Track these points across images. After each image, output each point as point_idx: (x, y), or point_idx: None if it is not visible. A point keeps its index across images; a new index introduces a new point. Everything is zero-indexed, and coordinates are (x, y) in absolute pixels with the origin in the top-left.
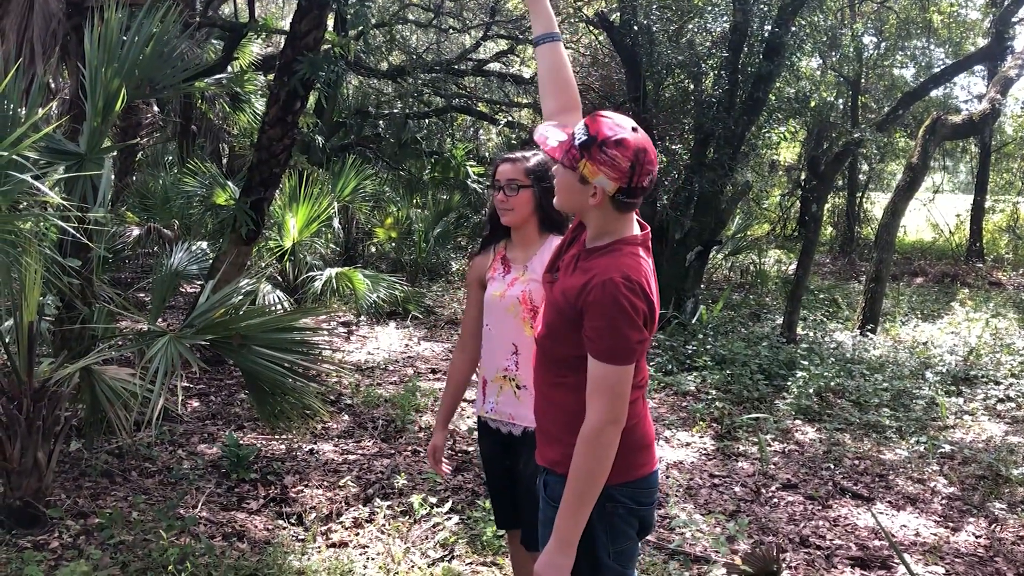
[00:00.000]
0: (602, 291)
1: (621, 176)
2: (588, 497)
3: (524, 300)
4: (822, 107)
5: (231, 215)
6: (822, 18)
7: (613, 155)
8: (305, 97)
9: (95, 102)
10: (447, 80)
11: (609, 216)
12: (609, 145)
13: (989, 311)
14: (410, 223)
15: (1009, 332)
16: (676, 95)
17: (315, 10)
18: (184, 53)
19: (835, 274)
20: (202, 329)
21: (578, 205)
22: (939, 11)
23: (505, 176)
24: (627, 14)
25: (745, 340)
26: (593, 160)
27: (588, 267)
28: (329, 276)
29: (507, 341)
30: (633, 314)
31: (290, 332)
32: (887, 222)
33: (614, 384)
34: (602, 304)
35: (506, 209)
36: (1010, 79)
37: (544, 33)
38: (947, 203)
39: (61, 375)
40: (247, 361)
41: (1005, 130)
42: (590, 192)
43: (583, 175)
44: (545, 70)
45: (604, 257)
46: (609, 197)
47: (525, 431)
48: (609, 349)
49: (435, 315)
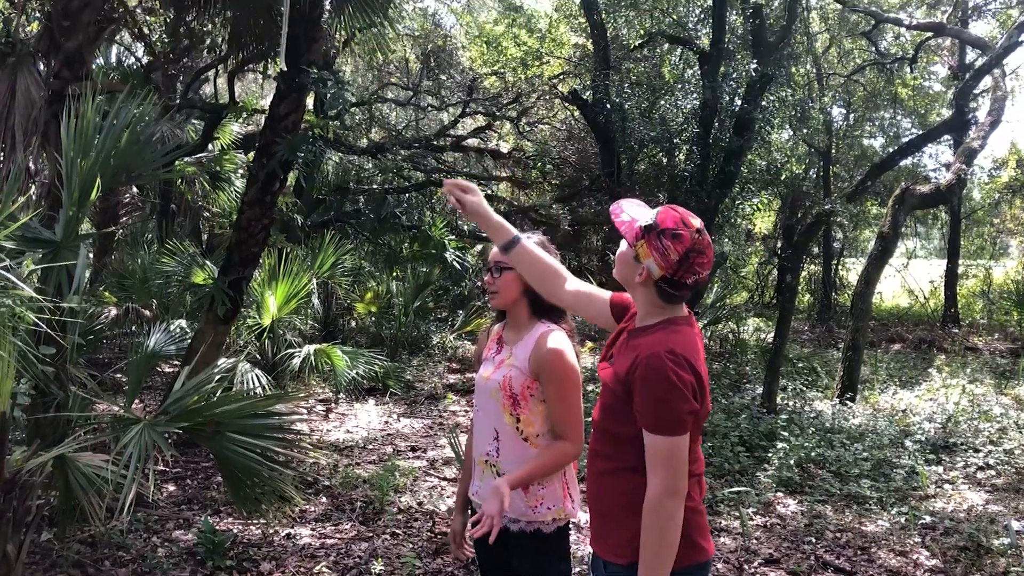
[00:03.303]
0: (648, 366)
1: (668, 266)
2: (660, 572)
3: (504, 386)
4: (794, 178)
5: (209, 295)
6: (790, 93)
7: (667, 245)
8: (284, 177)
9: (71, 191)
10: (426, 155)
11: (654, 299)
12: (667, 235)
13: (966, 376)
14: (390, 297)
15: (986, 398)
16: (650, 169)
17: (294, 94)
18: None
19: (814, 342)
20: (177, 416)
21: (627, 279)
22: (904, 84)
23: (495, 258)
24: (600, 93)
25: (726, 411)
26: (649, 243)
27: (636, 345)
28: (308, 353)
29: (490, 426)
30: (681, 386)
31: (266, 417)
32: (861, 290)
33: (669, 456)
34: (649, 378)
35: (492, 291)
36: (974, 150)
37: (506, 243)
38: (922, 268)
39: (34, 464)
40: (221, 448)
41: (974, 197)
42: (638, 271)
43: (637, 253)
44: (526, 271)
45: (651, 335)
46: (653, 281)
47: (522, 532)
48: (660, 421)
49: (415, 390)
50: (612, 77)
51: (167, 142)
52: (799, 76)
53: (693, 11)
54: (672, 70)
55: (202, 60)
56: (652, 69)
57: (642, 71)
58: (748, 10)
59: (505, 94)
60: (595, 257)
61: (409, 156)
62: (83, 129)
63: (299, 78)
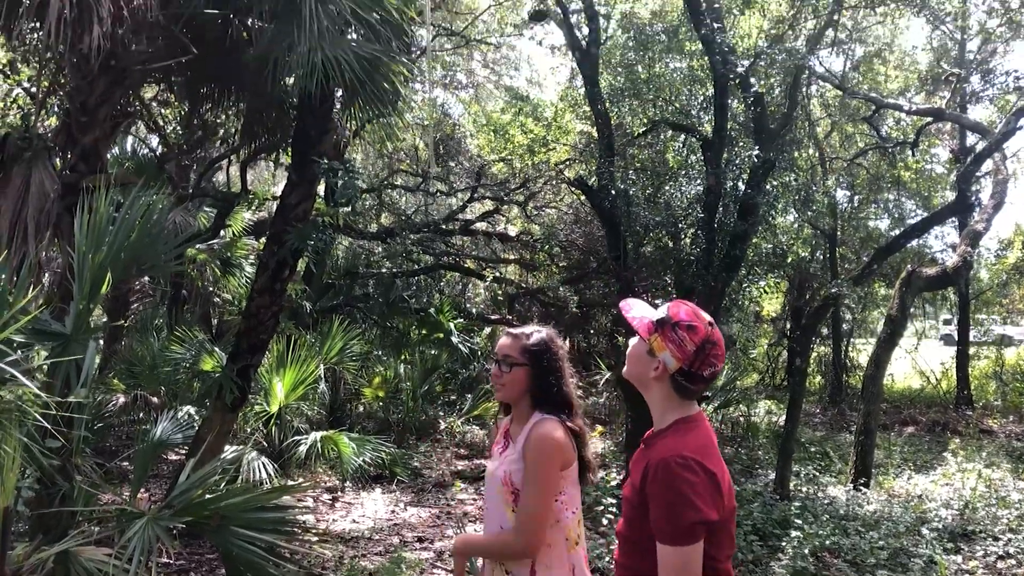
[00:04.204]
0: (656, 475)
1: (684, 358)
2: None
3: (506, 481)
4: (800, 261)
5: (217, 382)
6: (793, 177)
7: (682, 336)
8: (294, 265)
9: (82, 284)
10: (435, 239)
11: (669, 396)
12: (681, 327)
13: (982, 461)
14: (398, 381)
15: (1004, 484)
16: (656, 253)
17: (305, 184)
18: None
19: (826, 425)
20: (181, 510)
21: (642, 375)
22: (907, 167)
23: (503, 351)
24: (604, 179)
25: (738, 498)
26: (664, 336)
27: (650, 453)
28: (314, 440)
29: (496, 521)
30: (690, 493)
31: (271, 510)
32: (872, 373)
33: (678, 566)
34: (657, 489)
35: (498, 384)
36: (978, 232)
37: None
38: (932, 349)
39: (36, 559)
40: (226, 542)
41: (982, 277)
42: (654, 365)
43: (652, 347)
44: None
45: (663, 439)
46: (669, 375)
47: None
48: (669, 531)
49: (422, 477)
50: (616, 163)
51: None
52: (802, 160)
53: (695, 100)
54: (676, 156)
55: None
56: (656, 155)
57: (646, 157)
58: (749, 98)
59: (512, 179)
60: (604, 339)
61: (418, 240)
62: (96, 223)
63: (310, 168)
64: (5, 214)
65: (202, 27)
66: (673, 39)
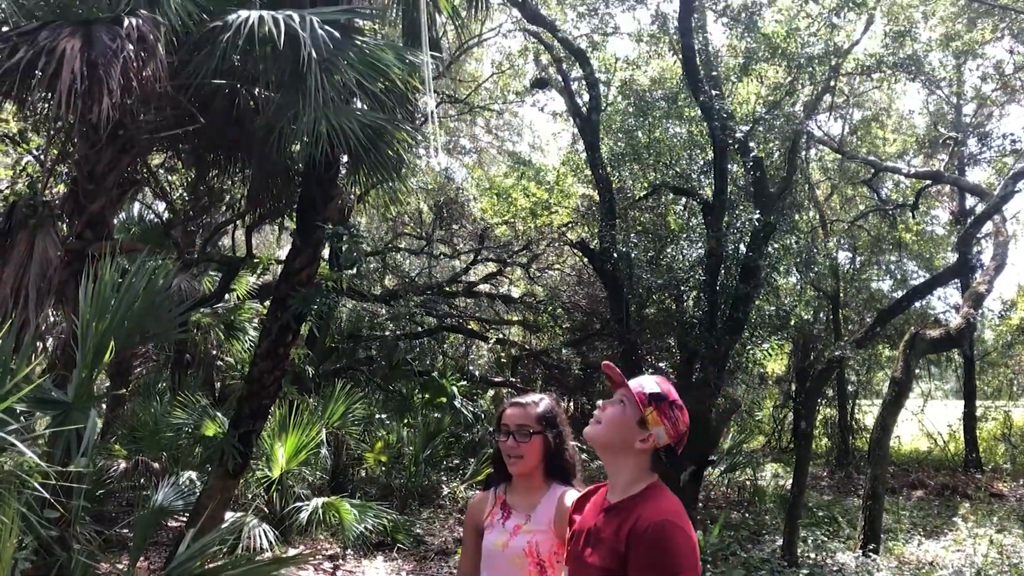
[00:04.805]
0: (651, 535)
1: (675, 435)
2: None
3: (530, 552)
4: (803, 323)
5: (219, 448)
6: (794, 240)
7: (676, 416)
8: (297, 330)
9: (85, 352)
10: (439, 301)
11: (644, 466)
12: (676, 407)
13: (993, 526)
14: (400, 445)
15: (1016, 549)
16: (659, 315)
17: (309, 249)
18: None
19: (833, 488)
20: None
21: (622, 442)
22: (907, 228)
23: (515, 421)
24: (606, 242)
25: (745, 566)
26: (660, 412)
27: (629, 515)
28: (316, 506)
29: None
30: (689, 553)
31: None
32: (878, 437)
33: None
34: (653, 548)
35: (516, 456)
36: (981, 294)
37: None
38: (939, 410)
39: None
40: None
41: (986, 339)
42: (642, 436)
43: (645, 419)
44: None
45: (644, 504)
46: (654, 449)
47: None
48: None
49: (424, 544)
50: (618, 226)
51: (185, 297)
52: (803, 223)
53: (695, 164)
54: (677, 219)
55: (221, 216)
56: (657, 218)
57: (648, 220)
58: (749, 162)
59: (515, 242)
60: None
61: (422, 302)
62: (100, 292)
63: (315, 234)
64: (8, 281)
65: (210, 96)
66: (672, 105)
